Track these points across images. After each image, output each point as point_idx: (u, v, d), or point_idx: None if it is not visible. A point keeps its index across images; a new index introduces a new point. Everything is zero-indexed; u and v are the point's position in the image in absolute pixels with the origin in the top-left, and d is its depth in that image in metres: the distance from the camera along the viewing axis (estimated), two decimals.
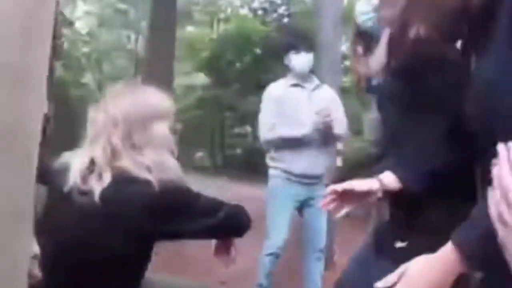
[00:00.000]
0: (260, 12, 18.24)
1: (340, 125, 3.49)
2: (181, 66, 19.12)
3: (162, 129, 1.63)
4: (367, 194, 1.47)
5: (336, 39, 5.99)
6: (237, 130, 19.12)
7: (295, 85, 3.50)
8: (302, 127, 3.38)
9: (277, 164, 3.50)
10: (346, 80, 17.41)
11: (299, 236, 3.64)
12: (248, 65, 16.77)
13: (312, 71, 3.62)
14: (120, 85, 1.76)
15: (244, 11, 18.66)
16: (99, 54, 18.93)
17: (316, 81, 3.59)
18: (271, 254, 3.42)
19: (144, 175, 1.50)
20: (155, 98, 1.70)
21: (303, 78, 3.50)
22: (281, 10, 18.37)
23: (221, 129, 19.64)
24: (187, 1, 16.76)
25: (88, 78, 18.49)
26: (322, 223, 3.57)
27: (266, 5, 18.39)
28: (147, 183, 1.48)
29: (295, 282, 3.78)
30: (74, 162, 1.56)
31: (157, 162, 1.55)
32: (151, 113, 1.63)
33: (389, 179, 1.43)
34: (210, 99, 17.01)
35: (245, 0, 18.70)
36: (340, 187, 1.50)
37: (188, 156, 19.50)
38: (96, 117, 1.61)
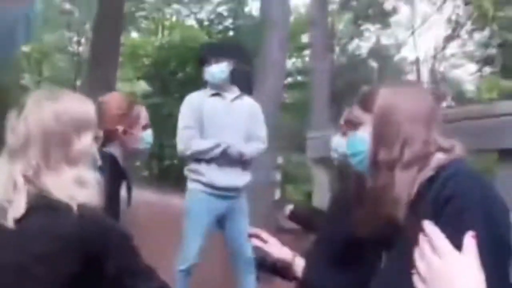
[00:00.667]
0: (206, 23, 18.26)
1: (254, 145, 3.54)
2: (123, 72, 18.83)
3: (84, 142, 1.47)
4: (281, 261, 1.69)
5: (282, 55, 6.10)
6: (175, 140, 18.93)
7: (214, 94, 3.52)
8: (218, 138, 3.40)
9: (198, 177, 3.45)
10: (288, 96, 17.78)
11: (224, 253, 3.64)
12: (190, 75, 16.70)
13: (238, 81, 3.64)
14: (42, 92, 1.63)
15: (190, 20, 18.63)
16: (39, 54, 18.29)
17: (236, 91, 3.59)
18: (182, 270, 3.38)
19: (63, 198, 1.34)
20: (77, 108, 1.52)
21: (221, 88, 3.52)
22: (227, 23, 18.48)
23: (160, 139, 19.39)
24: (134, 6, 16.56)
25: (27, 80, 17.85)
26: (245, 234, 3.57)
27: (213, 16, 18.44)
28: (67, 208, 1.32)
29: None
30: None
31: (78, 181, 1.40)
32: (73, 126, 1.46)
33: (299, 264, 1.67)
34: (151, 107, 16.78)
35: (192, 10, 18.67)
36: (265, 238, 1.73)
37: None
38: (16, 127, 1.45)
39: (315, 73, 10.47)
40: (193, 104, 3.52)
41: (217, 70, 3.44)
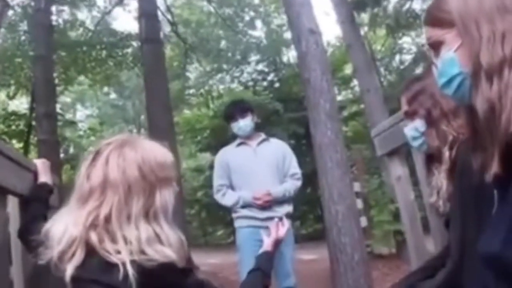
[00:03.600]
0: (250, 83, 18.66)
1: (288, 183, 3.82)
2: (186, 149, 19.37)
3: (167, 196, 1.40)
4: None
5: (330, 89, 6.09)
6: None
7: (240, 144, 3.91)
8: (245, 184, 3.73)
9: (242, 214, 3.76)
10: (348, 129, 17.60)
11: None
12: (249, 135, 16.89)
13: (259, 128, 4.08)
14: (120, 137, 1.47)
15: (235, 85, 19.11)
16: None
17: (262, 136, 3.97)
18: None
19: (119, 258, 1.24)
20: (164, 157, 1.45)
21: (247, 138, 3.90)
22: (270, 77, 18.81)
23: None
24: (179, 85, 17.21)
25: None
26: (288, 263, 3.72)
27: (255, 75, 18.84)
28: (117, 268, 1.22)
29: None
30: (54, 230, 1.33)
31: (150, 239, 1.29)
32: (159, 177, 1.38)
33: None
34: None
35: (234, 75, 19.18)
36: None
37: (208, 234, 19.31)
38: (92, 173, 1.36)
39: (367, 97, 10.40)
40: (221, 158, 3.94)
41: (242, 125, 3.83)
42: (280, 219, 2.24)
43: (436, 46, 1.08)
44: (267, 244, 2.05)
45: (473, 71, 0.97)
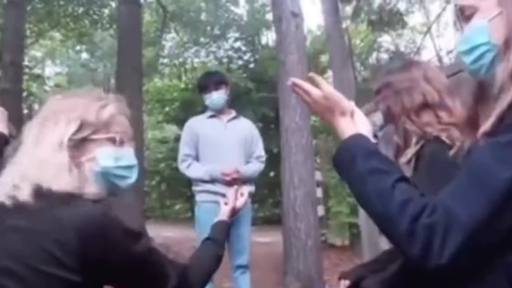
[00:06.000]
0: (225, 60, 18.48)
1: (255, 165, 3.83)
2: (152, 119, 19.11)
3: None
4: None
5: (304, 74, 6.06)
6: None
7: (212, 116, 3.86)
8: (217, 155, 3.69)
9: (203, 188, 3.71)
10: (316, 119, 17.63)
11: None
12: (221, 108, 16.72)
13: (229, 106, 4.01)
14: (88, 89, 1.56)
15: (210, 60, 18.89)
16: None
17: (233, 113, 3.94)
18: None
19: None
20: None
21: (219, 111, 3.85)
22: (246, 57, 18.66)
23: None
24: (154, 51, 16.92)
25: None
26: (244, 240, 3.73)
27: (231, 53, 18.67)
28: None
29: None
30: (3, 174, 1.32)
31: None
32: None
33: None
34: None
35: (211, 50, 18.95)
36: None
37: (166, 207, 19.21)
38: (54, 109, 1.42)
39: (340, 89, 10.44)
40: (190, 127, 3.87)
41: (215, 97, 3.78)
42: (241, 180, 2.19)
43: (467, 11, 1.06)
44: (224, 212, 2.02)
45: (506, 39, 0.96)
